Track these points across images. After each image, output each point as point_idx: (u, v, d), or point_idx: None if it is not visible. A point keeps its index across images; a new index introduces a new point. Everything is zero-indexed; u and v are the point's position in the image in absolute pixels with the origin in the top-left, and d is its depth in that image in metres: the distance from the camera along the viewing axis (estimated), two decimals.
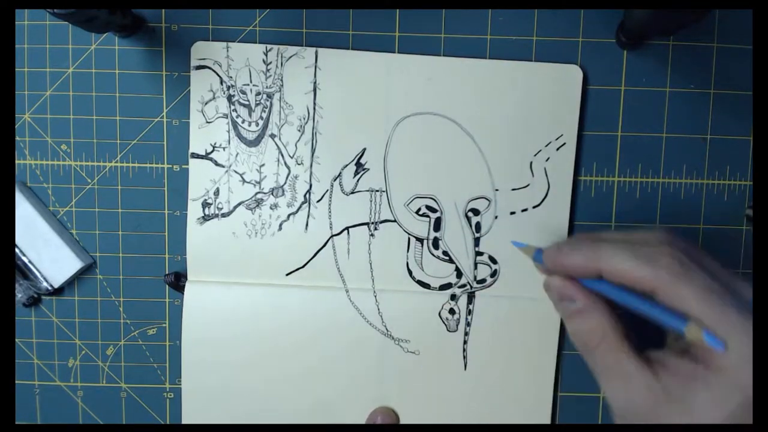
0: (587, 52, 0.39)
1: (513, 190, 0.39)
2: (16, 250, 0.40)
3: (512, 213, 0.39)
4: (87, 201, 0.41)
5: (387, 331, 0.40)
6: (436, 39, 0.39)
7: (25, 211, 0.40)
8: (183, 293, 0.40)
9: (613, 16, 0.39)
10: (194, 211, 0.40)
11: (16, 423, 0.42)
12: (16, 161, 0.41)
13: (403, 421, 0.40)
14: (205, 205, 0.40)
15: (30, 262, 0.40)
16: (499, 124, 0.39)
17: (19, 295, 0.41)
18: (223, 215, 0.40)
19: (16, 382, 0.42)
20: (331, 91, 0.39)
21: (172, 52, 0.40)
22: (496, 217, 0.40)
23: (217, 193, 0.40)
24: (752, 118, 0.39)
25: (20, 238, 0.40)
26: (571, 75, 0.39)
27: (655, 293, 0.28)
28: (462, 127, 0.39)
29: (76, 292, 0.41)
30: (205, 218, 0.40)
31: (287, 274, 0.40)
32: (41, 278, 0.40)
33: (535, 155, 0.39)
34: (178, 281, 0.40)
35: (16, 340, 0.42)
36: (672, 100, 0.39)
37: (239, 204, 0.40)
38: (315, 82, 0.39)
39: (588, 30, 0.39)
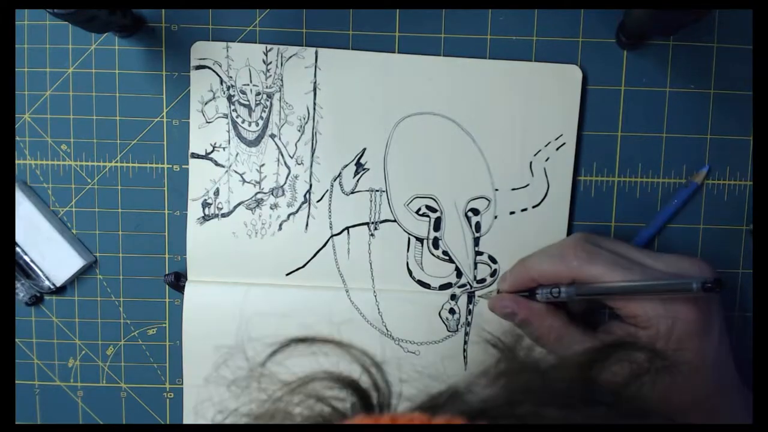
0: (587, 52, 0.39)
1: (513, 189, 0.39)
2: (18, 249, 0.40)
3: (512, 213, 0.39)
4: (87, 201, 0.41)
5: (387, 331, 0.40)
6: (436, 39, 0.39)
7: (26, 211, 0.40)
8: (183, 293, 0.40)
9: (613, 16, 0.39)
10: (194, 211, 0.40)
11: (16, 423, 0.42)
12: (16, 161, 0.41)
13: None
14: (205, 205, 0.40)
15: (32, 261, 0.40)
16: (498, 124, 0.39)
17: (21, 294, 0.41)
18: (223, 215, 0.40)
19: (16, 382, 0.42)
20: (331, 91, 0.39)
21: (172, 52, 0.40)
22: (495, 217, 0.40)
23: (217, 193, 0.40)
24: (752, 118, 0.39)
25: (21, 238, 0.40)
26: (571, 75, 0.39)
27: (575, 280, 0.34)
28: (462, 127, 0.39)
29: (76, 292, 0.41)
30: (205, 218, 0.40)
31: (287, 274, 0.40)
32: (43, 277, 0.40)
33: (534, 155, 0.39)
34: (178, 281, 0.40)
35: (17, 340, 0.42)
36: (672, 100, 0.39)
37: (239, 204, 0.40)
38: (315, 82, 0.39)
39: (588, 30, 0.39)
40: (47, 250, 0.40)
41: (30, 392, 0.42)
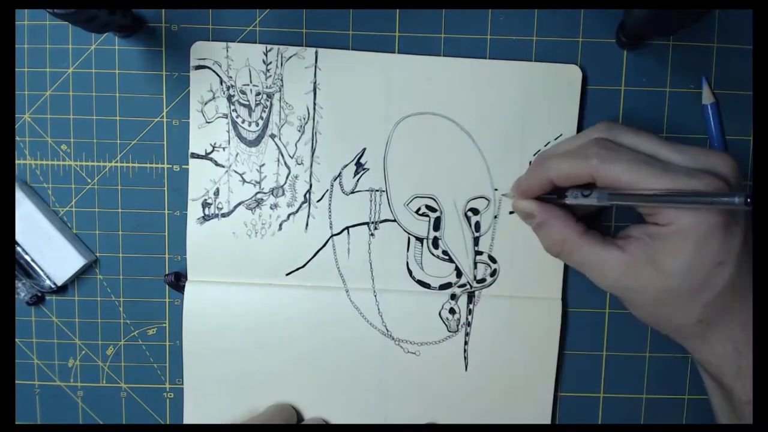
0: (587, 52, 0.39)
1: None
2: (19, 248, 0.40)
3: (511, 212, 0.39)
4: (87, 201, 0.41)
5: (387, 331, 0.40)
6: (436, 39, 0.39)
7: (26, 210, 0.40)
8: (183, 293, 0.40)
9: (613, 16, 0.39)
10: (194, 211, 0.40)
11: (16, 423, 0.42)
12: (16, 161, 0.41)
13: (403, 422, 0.40)
14: (205, 205, 0.40)
15: (33, 260, 0.40)
16: (498, 124, 0.39)
17: (23, 294, 0.41)
18: (223, 215, 0.40)
19: (16, 382, 0.42)
20: (331, 91, 0.39)
21: (172, 52, 0.40)
22: (495, 217, 0.40)
23: (217, 193, 0.40)
24: (752, 118, 0.39)
25: (22, 237, 0.40)
26: (571, 75, 0.39)
27: (596, 181, 0.32)
28: (461, 127, 0.39)
29: (76, 292, 0.41)
30: (205, 218, 0.40)
31: (287, 274, 0.40)
32: (44, 276, 0.40)
33: (534, 155, 0.39)
34: (178, 281, 0.40)
35: (17, 340, 0.42)
36: (672, 100, 0.39)
37: (239, 204, 0.40)
38: (315, 82, 0.39)
39: (588, 30, 0.39)
40: (48, 250, 0.40)
41: (30, 392, 0.42)
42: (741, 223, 0.31)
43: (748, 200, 0.26)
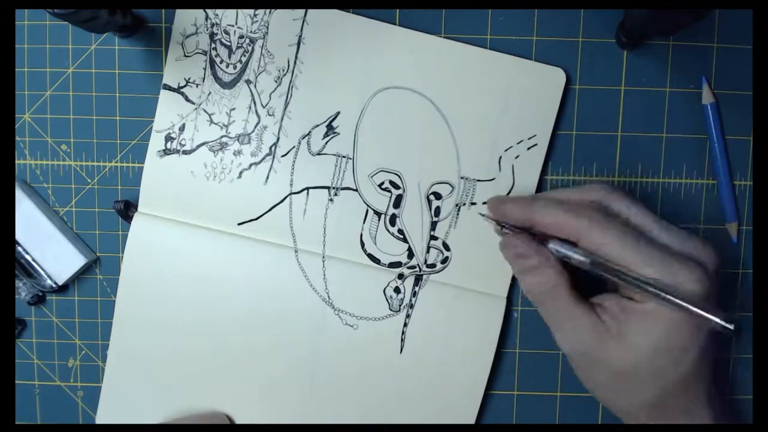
0: (587, 52, 0.39)
1: (478, 181, 0.39)
2: (19, 248, 0.40)
3: (473, 204, 0.39)
4: (87, 201, 0.41)
5: (329, 299, 0.40)
6: None
7: (27, 210, 0.40)
8: (130, 223, 0.39)
9: (613, 16, 0.39)
10: (156, 142, 0.40)
11: (16, 423, 0.42)
12: (16, 161, 0.41)
13: (328, 395, 0.40)
14: (169, 138, 0.40)
15: (33, 260, 0.40)
16: (476, 114, 0.39)
17: (24, 294, 0.41)
18: (185, 152, 0.40)
19: (16, 382, 0.42)
20: (314, 48, 0.39)
21: None
22: (456, 205, 0.39)
23: (182, 129, 0.39)
24: (752, 118, 0.39)
25: (23, 237, 0.40)
26: (555, 77, 0.38)
27: (579, 239, 0.32)
28: (439, 110, 0.39)
29: (76, 291, 0.41)
30: (166, 152, 0.40)
31: (239, 224, 0.40)
32: (45, 276, 0.40)
33: (505, 150, 0.39)
34: (127, 210, 0.39)
35: (16, 340, 0.42)
36: (672, 100, 0.39)
37: (203, 144, 0.40)
38: (300, 36, 0.39)
39: (588, 30, 0.39)
40: (48, 249, 0.40)
41: (30, 392, 0.42)
42: (702, 344, 0.31)
43: (726, 328, 0.29)
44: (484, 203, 0.39)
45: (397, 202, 0.39)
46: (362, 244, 0.40)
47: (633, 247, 0.31)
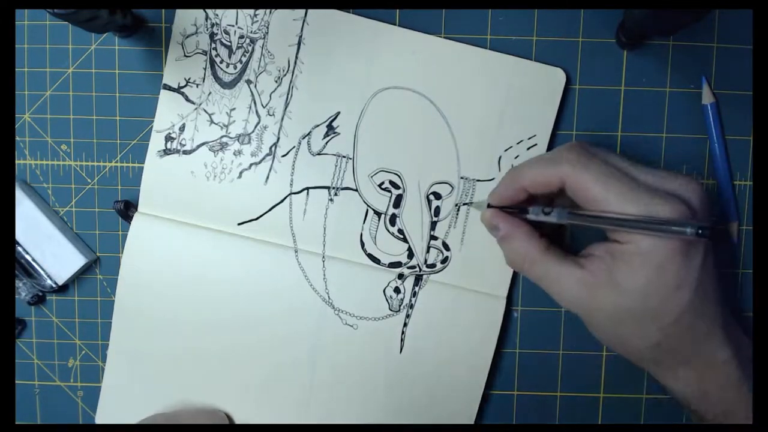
0: (587, 52, 0.39)
1: (478, 181, 0.39)
2: (19, 248, 0.40)
3: (473, 203, 0.39)
4: (87, 201, 0.41)
5: (329, 299, 0.40)
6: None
7: (27, 210, 0.40)
8: (130, 223, 0.39)
9: (613, 16, 0.39)
10: (156, 142, 0.40)
11: (16, 423, 0.42)
12: (17, 161, 0.41)
13: (328, 394, 0.40)
14: (169, 138, 0.40)
15: (33, 260, 0.40)
16: (475, 114, 0.39)
17: (24, 294, 0.41)
18: (185, 152, 0.40)
19: (16, 382, 0.42)
20: (315, 48, 0.39)
21: None
22: (456, 205, 0.39)
23: (182, 129, 0.39)
24: (752, 118, 0.39)
25: (23, 237, 0.40)
26: (554, 77, 0.38)
27: (564, 186, 0.32)
28: (439, 110, 0.39)
29: (76, 291, 0.41)
30: (166, 152, 0.40)
31: (239, 224, 0.40)
32: (45, 276, 0.40)
33: (505, 150, 0.39)
34: (127, 210, 0.39)
35: (16, 340, 0.42)
36: (672, 100, 0.39)
37: (203, 144, 0.40)
38: (301, 36, 0.39)
39: (588, 30, 0.39)
40: (48, 249, 0.40)
41: (30, 392, 0.42)
42: (700, 248, 0.31)
43: (700, 231, 0.28)
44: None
45: (397, 202, 0.39)
46: (362, 244, 0.40)
47: (616, 187, 0.30)
